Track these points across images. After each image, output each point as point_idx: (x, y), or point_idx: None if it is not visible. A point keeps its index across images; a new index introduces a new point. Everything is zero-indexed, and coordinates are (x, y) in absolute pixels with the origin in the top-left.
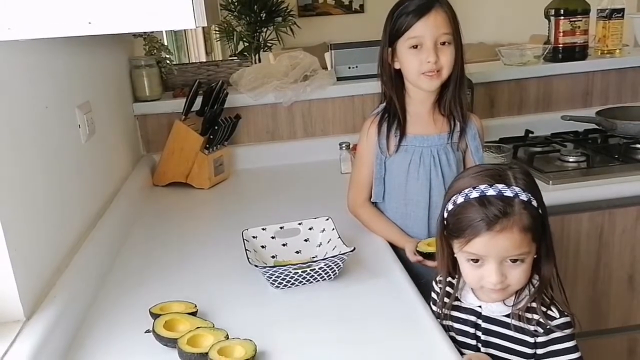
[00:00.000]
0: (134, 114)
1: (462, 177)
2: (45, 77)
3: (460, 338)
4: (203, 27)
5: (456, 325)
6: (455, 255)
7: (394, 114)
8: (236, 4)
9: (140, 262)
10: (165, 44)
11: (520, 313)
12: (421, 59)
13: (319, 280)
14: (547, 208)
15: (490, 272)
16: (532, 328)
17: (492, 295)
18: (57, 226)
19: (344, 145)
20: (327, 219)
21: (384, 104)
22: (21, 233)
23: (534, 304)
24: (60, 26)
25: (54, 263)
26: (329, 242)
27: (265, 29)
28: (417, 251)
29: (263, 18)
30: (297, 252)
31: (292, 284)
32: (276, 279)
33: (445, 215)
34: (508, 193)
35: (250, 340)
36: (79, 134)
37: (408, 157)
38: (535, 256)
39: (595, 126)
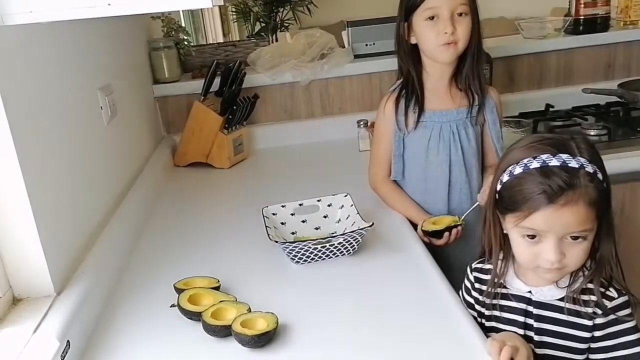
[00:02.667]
0: (154, 96)
1: (516, 148)
2: (66, 59)
3: (507, 327)
4: (220, 9)
5: (505, 315)
6: (505, 232)
7: (411, 89)
8: None
9: (164, 239)
10: (183, 25)
11: (575, 296)
12: (438, 30)
13: (338, 256)
14: None
15: (548, 250)
16: (589, 310)
17: (547, 276)
18: (84, 205)
19: (361, 123)
20: (346, 196)
21: (401, 80)
22: (49, 212)
23: (590, 285)
24: (80, 8)
25: (82, 240)
26: (347, 218)
27: (282, 8)
28: (422, 230)
29: None
30: (317, 229)
31: (312, 259)
32: (296, 254)
33: (499, 187)
34: (573, 164)
35: (272, 313)
36: (101, 116)
37: (427, 133)
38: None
39: (617, 99)
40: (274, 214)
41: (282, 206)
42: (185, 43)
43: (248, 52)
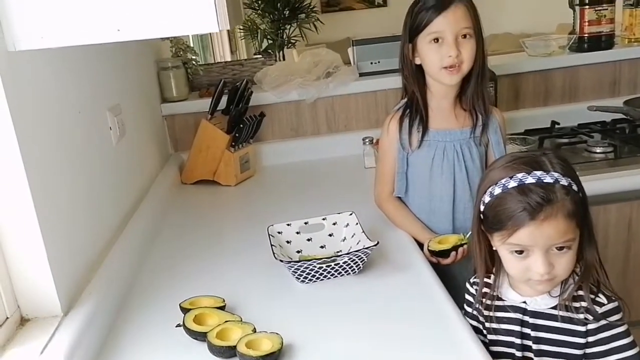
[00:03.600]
0: (162, 114)
1: (494, 168)
2: (77, 82)
3: (505, 338)
4: None
5: (503, 326)
6: (495, 249)
7: (416, 109)
8: (260, 2)
9: (170, 258)
10: (191, 45)
11: (567, 303)
12: (442, 53)
13: (343, 275)
14: None
15: (537, 263)
16: (581, 316)
17: (538, 287)
18: (92, 224)
19: (367, 140)
20: (351, 214)
21: (406, 99)
22: (58, 231)
23: (580, 292)
24: (90, 34)
25: (90, 260)
26: (353, 236)
27: (289, 25)
28: (429, 250)
29: (286, 15)
30: (322, 247)
31: (317, 278)
32: (301, 273)
33: (482, 208)
34: (548, 179)
35: (277, 333)
36: (110, 136)
37: (431, 152)
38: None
39: (623, 116)
40: (279, 233)
41: (288, 224)
42: (193, 62)
43: (255, 71)
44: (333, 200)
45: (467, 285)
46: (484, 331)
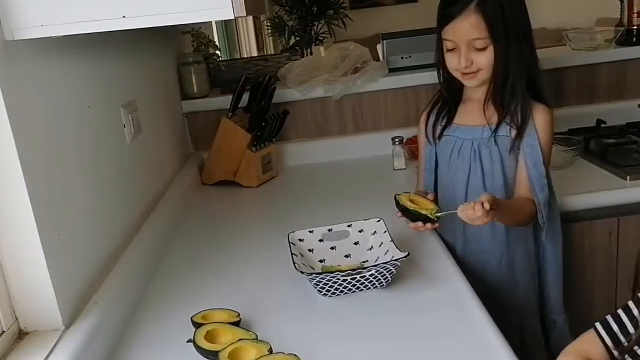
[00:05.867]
0: (182, 111)
1: None
2: (88, 77)
3: None
4: (255, 23)
5: None
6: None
7: (445, 100)
8: None
9: (185, 266)
10: (215, 39)
11: None
12: (456, 60)
13: (369, 288)
14: (623, 206)
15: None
16: None
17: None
18: (100, 229)
19: (396, 140)
20: (379, 221)
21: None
22: (60, 237)
23: None
24: (93, 21)
25: (96, 268)
26: (380, 245)
27: (317, 22)
28: (395, 199)
29: (314, 12)
30: (347, 256)
31: (341, 291)
32: (324, 286)
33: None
34: None
35: (295, 355)
36: (124, 134)
37: (449, 147)
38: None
39: None
40: (300, 240)
41: (310, 231)
42: (215, 57)
43: (279, 67)
44: (360, 204)
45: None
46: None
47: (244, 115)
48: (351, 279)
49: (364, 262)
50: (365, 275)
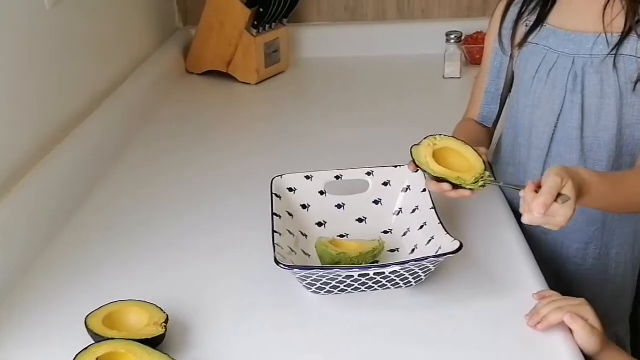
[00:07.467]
0: None
1: None
2: None
3: None
4: None
5: None
6: None
7: None
8: None
9: (116, 205)
10: None
11: None
12: None
13: (389, 288)
14: None
15: None
16: None
17: None
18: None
19: (452, 36)
20: (417, 170)
21: None
22: None
23: None
24: None
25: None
26: (414, 211)
27: None
28: (413, 161)
29: None
30: (360, 221)
31: (342, 290)
32: (314, 282)
33: None
34: None
35: None
36: None
37: (535, 64)
38: None
39: None
40: (291, 190)
41: (307, 177)
42: None
43: None
44: (394, 124)
45: None
46: None
47: None
48: (359, 275)
49: (385, 232)
50: (384, 273)
